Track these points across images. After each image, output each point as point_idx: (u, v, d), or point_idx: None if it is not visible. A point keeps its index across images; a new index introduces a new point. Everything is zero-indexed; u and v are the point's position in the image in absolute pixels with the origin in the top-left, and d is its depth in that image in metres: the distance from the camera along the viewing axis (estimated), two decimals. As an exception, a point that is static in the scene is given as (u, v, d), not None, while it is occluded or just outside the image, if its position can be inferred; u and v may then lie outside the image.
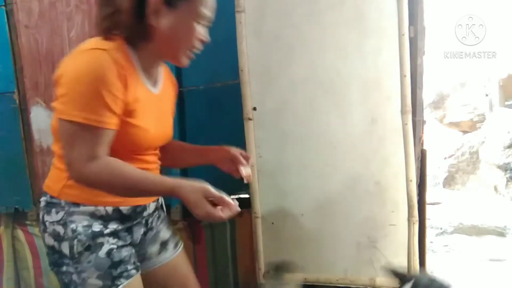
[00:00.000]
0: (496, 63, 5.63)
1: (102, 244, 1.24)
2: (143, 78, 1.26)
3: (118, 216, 1.30)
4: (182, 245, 1.60)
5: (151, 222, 1.47)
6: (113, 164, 1.14)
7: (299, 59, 2.04)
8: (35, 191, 2.46)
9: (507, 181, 5.11)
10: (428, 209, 2.22)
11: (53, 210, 1.24)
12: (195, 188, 1.13)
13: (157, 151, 1.43)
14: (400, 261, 2.03)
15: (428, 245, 2.17)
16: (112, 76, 1.11)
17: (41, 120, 2.41)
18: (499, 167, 5.18)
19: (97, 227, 1.24)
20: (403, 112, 1.96)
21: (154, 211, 1.46)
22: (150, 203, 1.42)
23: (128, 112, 1.18)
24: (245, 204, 2.30)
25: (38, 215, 1.31)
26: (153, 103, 1.30)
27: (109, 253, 1.24)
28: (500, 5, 5.77)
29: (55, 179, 1.27)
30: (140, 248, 1.42)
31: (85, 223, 1.23)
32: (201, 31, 1.25)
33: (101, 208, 1.25)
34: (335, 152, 2.05)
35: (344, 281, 2.11)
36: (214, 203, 1.13)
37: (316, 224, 2.12)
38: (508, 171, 5.07)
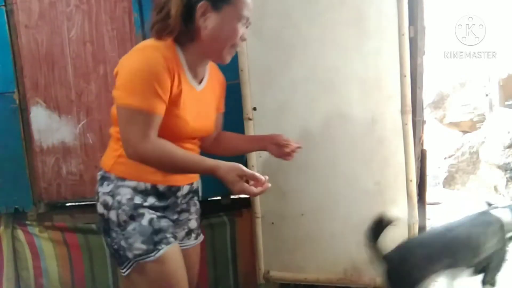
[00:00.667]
0: (496, 63, 5.62)
1: (143, 214, 1.40)
2: (188, 75, 1.42)
3: (155, 192, 1.45)
4: (201, 239, 1.72)
5: (186, 205, 1.61)
6: (163, 145, 1.32)
7: (299, 59, 2.04)
8: (35, 191, 2.46)
9: (507, 181, 5.11)
10: (428, 209, 2.22)
11: (105, 182, 1.43)
12: (230, 168, 1.29)
13: (197, 141, 1.57)
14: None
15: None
16: (162, 70, 1.29)
17: (41, 120, 2.41)
18: (499, 167, 5.18)
19: (138, 200, 1.41)
20: (403, 112, 1.96)
21: (187, 194, 1.58)
22: (184, 186, 1.54)
23: (173, 102, 1.35)
24: (245, 204, 2.31)
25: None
26: (194, 98, 1.44)
27: (150, 221, 1.40)
28: (500, 5, 5.77)
29: (109, 156, 1.46)
30: (173, 226, 1.54)
31: (128, 196, 1.40)
32: (243, 31, 1.42)
33: (142, 184, 1.42)
34: (335, 152, 2.05)
35: (344, 281, 2.11)
36: (248, 180, 1.31)
37: (316, 224, 2.12)
38: (508, 171, 5.06)
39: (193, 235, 1.67)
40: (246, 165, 2.14)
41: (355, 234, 2.07)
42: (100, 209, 1.44)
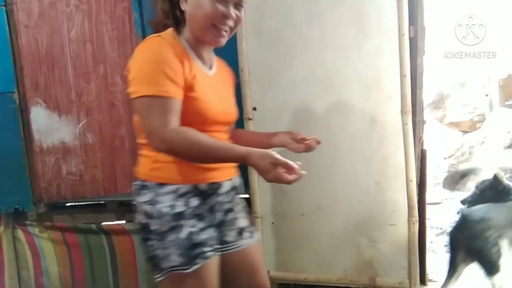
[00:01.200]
0: (496, 63, 5.63)
1: (183, 226, 1.36)
2: (196, 60, 1.42)
3: (197, 193, 1.40)
4: (257, 237, 1.65)
5: (230, 203, 1.55)
6: (189, 131, 1.27)
7: (299, 59, 2.04)
8: (35, 191, 2.46)
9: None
10: (428, 209, 2.22)
11: (143, 191, 1.40)
12: (264, 155, 1.22)
13: (226, 130, 1.54)
14: (400, 261, 2.03)
15: (428, 245, 2.17)
16: (169, 54, 1.29)
17: (41, 120, 2.41)
18: (499, 167, 5.18)
19: (180, 207, 1.36)
20: (403, 112, 1.96)
21: (230, 191, 1.52)
22: (225, 181, 1.49)
23: (189, 87, 1.33)
24: (245, 204, 2.30)
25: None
26: (209, 82, 1.43)
27: (189, 235, 1.36)
28: (500, 5, 5.77)
29: (143, 165, 1.43)
30: (219, 230, 1.50)
31: (169, 203, 1.36)
32: (220, 7, 1.36)
33: (181, 186, 1.37)
34: (335, 152, 2.05)
35: (344, 281, 2.11)
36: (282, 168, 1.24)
37: (316, 224, 2.12)
38: (508, 171, 5.07)
39: (246, 234, 1.59)
40: (245, 165, 2.15)
41: (355, 234, 2.08)
42: (140, 218, 1.41)
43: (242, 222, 1.59)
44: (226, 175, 1.50)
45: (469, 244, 2.10)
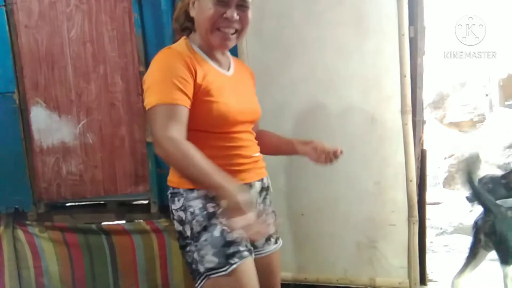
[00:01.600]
0: (496, 63, 5.61)
1: (216, 225, 1.34)
2: (212, 64, 1.44)
3: None
4: (281, 243, 1.65)
5: (262, 205, 1.54)
6: (186, 145, 1.26)
7: (299, 59, 2.05)
8: (35, 191, 2.46)
9: (507, 181, 5.10)
10: (428, 209, 2.22)
11: (175, 199, 1.41)
12: (237, 197, 1.20)
13: (250, 130, 1.52)
14: (400, 261, 2.04)
15: (428, 245, 2.17)
16: (179, 65, 1.32)
17: (41, 120, 2.41)
18: (499, 167, 5.18)
19: (211, 208, 1.36)
20: (403, 112, 1.96)
21: (260, 191, 1.53)
22: (255, 182, 1.50)
23: (205, 93, 1.35)
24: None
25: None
26: (228, 82, 1.44)
27: (222, 232, 1.33)
28: (500, 5, 5.76)
29: (172, 173, 1.45)
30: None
31: (200, 205, 1.37)
32: (221, 10, 1.38)
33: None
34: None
35: (344, 281, 2.11)
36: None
37: (316, 224, 2.13)
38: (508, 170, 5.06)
39: (273, 240, 1.59)
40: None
41: (355, 234, 2.08)
42: (177, 226, 1.42)
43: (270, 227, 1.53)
44: (256, 175, 1.51)
45: (492, 228, 2.08)
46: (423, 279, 2.14)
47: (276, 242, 1.61)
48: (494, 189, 2.19)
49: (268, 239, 1.56)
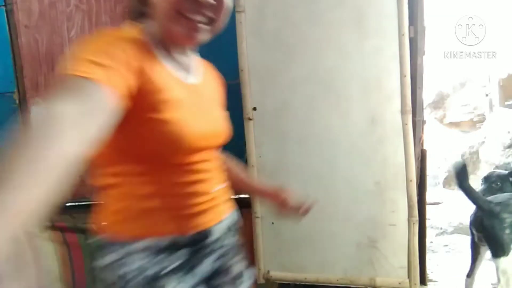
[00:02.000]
0: (496, 63, 5.62)
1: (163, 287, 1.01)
2: (167, 65, 1.03)
3: (179, 245, 1.04)
4: (252, 278, 1.30)
5: (223, 248, 1.16)
6: (36, 134, 0.69)
7: (299, 59, 2.04)
8: (35, 191, 2.46)
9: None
10: (428, 209, 2.23)
11: (104, 252, 1.02)
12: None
13: (214, 157, 1.14)
14: (400, 261, 2.03)
15: (428, 245, 2.18)
16: (118, 52, 0.89)
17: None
18: (499, 167, 5.19)
19: (156, 266, 1.01)
20: (403, 112, 1.96)
21: (224, 233, 1.15)
22: (216, 225, 1.11)
23: (151, 106, 0.94)
24: (245, 204, 2.30)
25: None
26: (188, 94, 1.05)
27: None
28: (500, 5, 5.77)
29: (105, 216, 1.05)
30: (210, 285, 1.14)
31: (141, 262, 1.00)
32: None
33: (158, 241, 1.01)
34: (335, 152, 2.05)
35: (344, 281, 2.11)
36: None
37: (316, 224, 2.12)
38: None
39: (240, 280, 1.22)
40: (246, 165, 2.15)
41: (355, 234, 2.08)
42: None
43: (237, 267, 1.22)
44: (218, 216, 1.13)
45: (482, 222, 2.15)
46: (423, 279, 2.14)
47: (244, 282, 1.23)
48: (502, 186, 2.23)
49: (234, 281, 1.20)
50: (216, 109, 1.18)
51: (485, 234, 2.13)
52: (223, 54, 2.13)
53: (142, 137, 0.95)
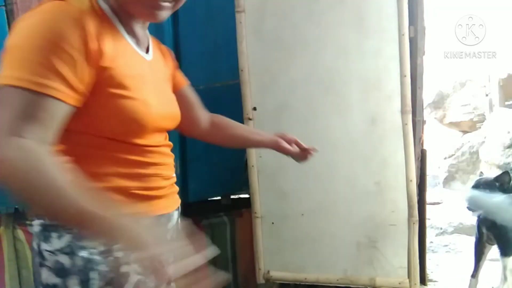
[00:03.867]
0: (496, 63, 5.62)
1: (128, 275, 0.92)
2: (127, 38, 0.96)
3: None
4: None
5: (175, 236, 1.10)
6: (39, 153, 0.75)
7: (299, 59, 2.04)
8: (35, 191, 2.46)
9: (507, 181, 5.10)
10: (428, 209, 2.23)
11: (54, 234, 0.89)
12: (143, 223, 0.79)
13: (167, 141, 1.09)
14: (400, 261, 2.03)
15: (428, 245, 2.18)
16: (70, 33, 0.80)
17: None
18: (499, 167, 5.18)
19: (120, 250, 0.89)
20: (403, 112, 1.96)
21: (177, 222, 1.12)
22: (174, 211, 1.09)
23: (114, 82, 0.87)
24: (245, 204, 2.31)
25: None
26: (148, 71, 1.00)
27: (137, 285, 0.93)
28: (500, 5, 5.76)
29: None
30: None
31: (101, 247, 0.89)
32: None
33: None
34: (335, 152, 2.05)
35: (344, 281, 2.10)
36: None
37: (316, 224, 2.12)
38: (509, 171, 5.06)
39: None
40: (245, 166, 2.15)
41: (355, 234, 2.08)
42: (48, 277, 0.89)
43: None
44: (175, 203, 1.10)
45: (494, 221, 2.15)
46: (423, 279, 2.14)
47: None
48: (491, 193, 2.23)
49: None
50: (170, 91, 1.13)
51: (496, 233, 2.14)
52: (223, 54, 2.14)
53: (106, 114, 0.89)
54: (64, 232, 0.88)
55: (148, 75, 0.98)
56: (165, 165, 1.03)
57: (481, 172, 2.47)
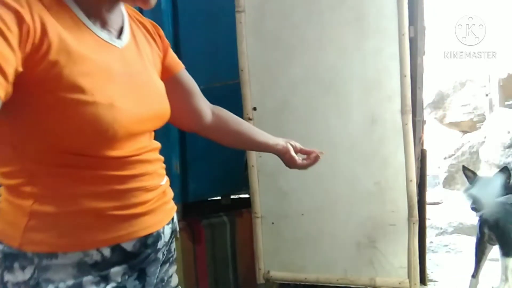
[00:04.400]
0: (496, 63, 5.62)
1: None
2: (88, 23, 0.78)
3: (121, 257, 0.82)
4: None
5: (167, 254, 0.98)
6: None
7: (299, 59, 2.04)
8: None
9: (507, 181, 5.10)
10: (428, 209, 2.23)
11: (16, 264, 0.77)
12: None
13: (153, 142, 0.93)
14: (400, 261, 2.03)
15: (428, 245, 2.18)
16: (6, 12, 0.64)
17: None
18: (499, 167, 5.18)
19: (90, 284, 0.78)
20: (403, 112, 1.96)
21: (170, 237, 0.97)
22: (165, 227, 0.93)
23: (66, 83, 0.70)
24: (245, 204, 2.31)
25: None
26: (116, 63, 0.81)
27: None
28: (500, 5, 5.77)
29: (10, 220, 0.78)
30: None
31: (70, 281, 0.77)
32: None
33: (92, 252, 0.79)
34: (335, 152, 2.04)
35: (344, 281, 2.10)
36: None
37: (316, 224, 2.12)
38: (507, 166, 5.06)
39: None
40: (245, 165, 2.15)
41: (355, 234, 2.08)
42: None
43: (174, 280, 1.03)
44: (167, 215, 0.94)
45: (496, 221, 2.16)
46: (423, 279, 2.14)
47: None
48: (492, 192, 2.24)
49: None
50: (153, 76, 0.92)
51: (498, 233, 2.14)
52: (223, 54, 2.14)
53: (60, 125, 0.72)
54: (25, 262, 0.76)
55: (117, 68, 0.80)
56: (148, 175, 0.87)
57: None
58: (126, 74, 0.82)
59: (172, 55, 1.03)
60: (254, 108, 2.09)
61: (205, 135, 1.16)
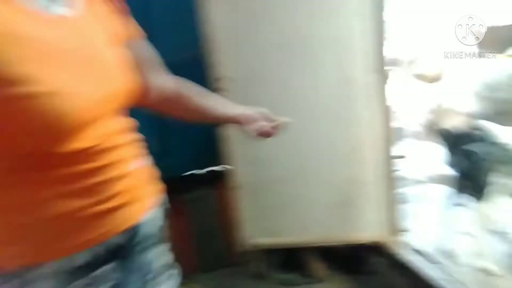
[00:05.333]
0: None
1: None
2: None
3: (108, 255, 0.78)
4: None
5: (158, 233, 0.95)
6: None
7: (267, 21, 2.01)
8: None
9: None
10: (398, 162, 2.22)
11: None
12: None
13: (122, 126, 0.83)
14: (374, 216, 2.05)
15: (399, 196, 2.15)
16: None
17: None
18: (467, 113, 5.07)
19: None
20: (374, 70, 1.95)
21: (158, 220, 0.94)
22: (151, 210, 0.89)
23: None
24: (223, 175, 2.32)
25: None
26: (59, 38, 0.68)
27: None
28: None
29: None
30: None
31: None
32: None
33: (73, 257, 0.73)
34: (308, 115, 2.05)
35: (322, 241, 2.14)
36: None
37: (293, 188, 2.14)
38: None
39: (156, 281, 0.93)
40: (219, 137, 2.12)
41: (331, 194, 2.11)
42: None
43: (163, 259, 0.97)
44: (149, 200, 0.88)
45: (468, 168, 2.11)
46: (397, 230, 2.12)
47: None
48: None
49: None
50: (111, 51, 0.79)
51: (469, 180, 2.12)
52: (185, 23, 2.08)
53: (1, 128, 0.62)
54: (9, 277, 0.70)
55: (59, 44, 0.67)
56: (119, 162, 0.78)
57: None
58: (73, 50, 0.69)
59: (126, 22, 0.89)
60: (223, 78, 2.04)
61: (159, 111, 1.04)
